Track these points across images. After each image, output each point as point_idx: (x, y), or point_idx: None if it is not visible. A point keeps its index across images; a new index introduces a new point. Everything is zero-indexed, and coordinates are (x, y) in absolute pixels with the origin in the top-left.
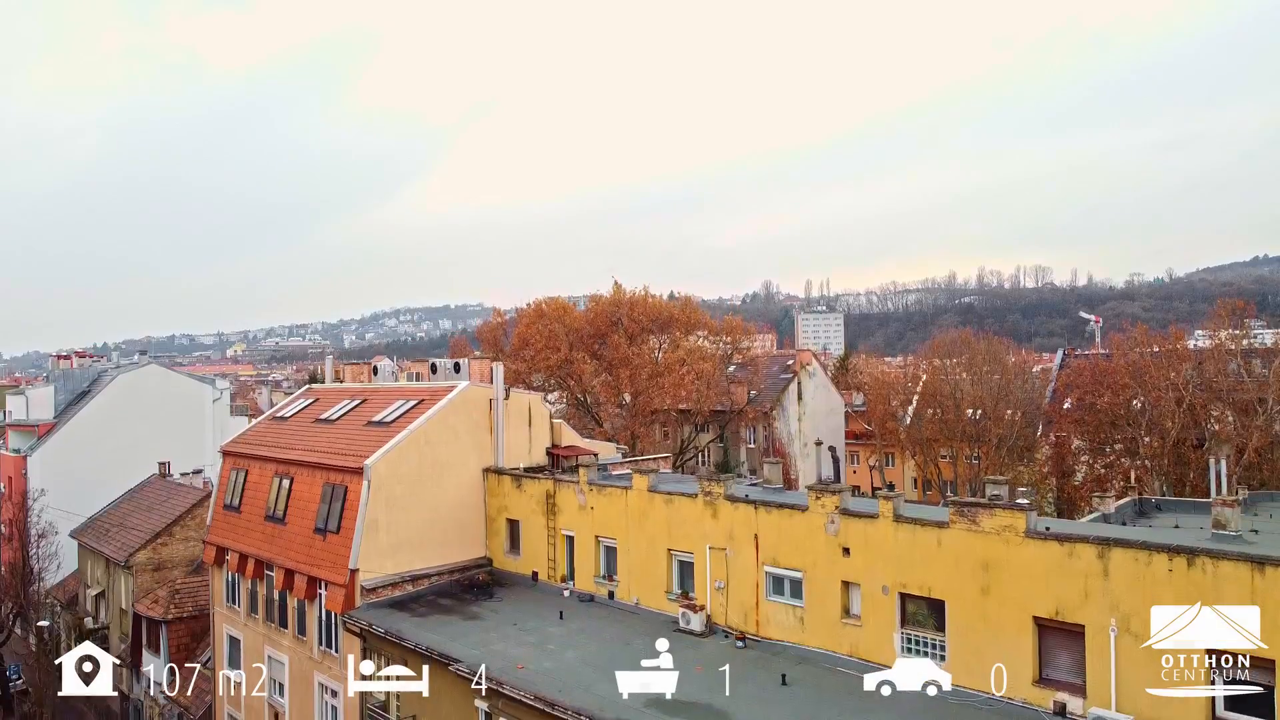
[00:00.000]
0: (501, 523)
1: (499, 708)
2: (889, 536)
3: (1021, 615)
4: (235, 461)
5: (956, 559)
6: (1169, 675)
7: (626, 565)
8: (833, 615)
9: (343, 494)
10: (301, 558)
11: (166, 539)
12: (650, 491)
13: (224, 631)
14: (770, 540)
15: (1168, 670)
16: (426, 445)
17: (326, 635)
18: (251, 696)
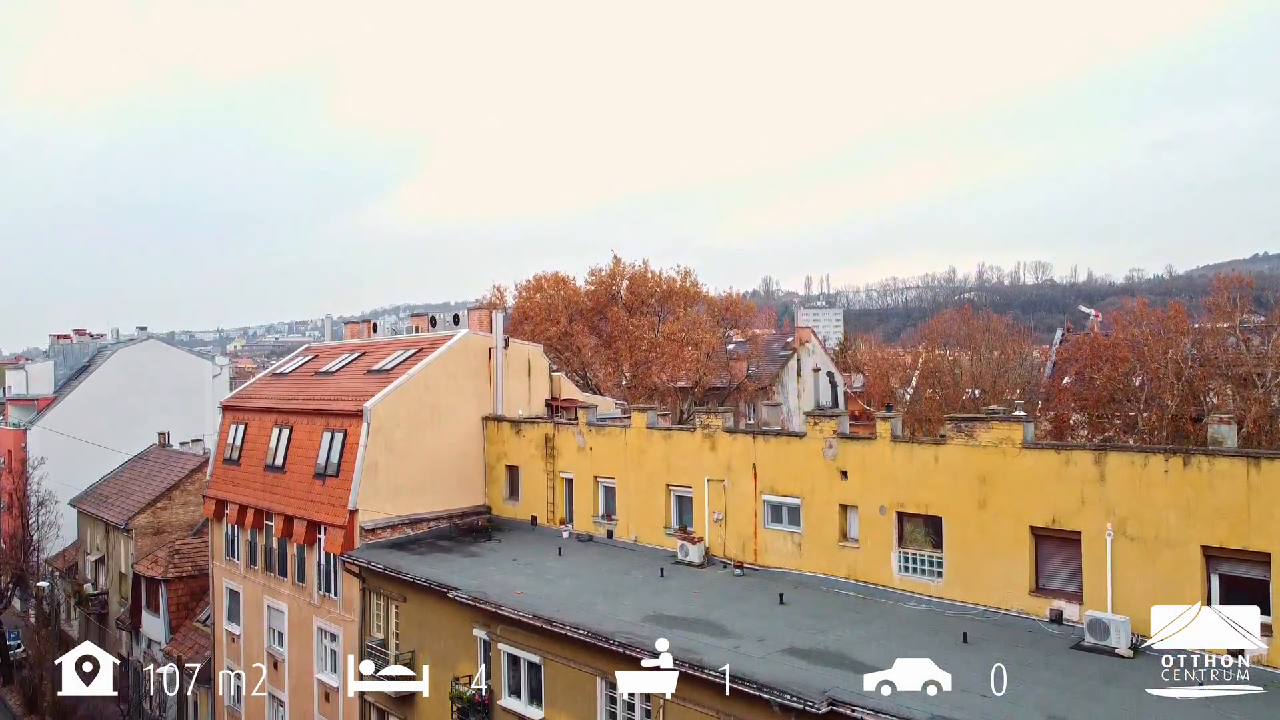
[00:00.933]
0: (500, 470)
1: (498, 634)
2: (886, 457)
3: (1018, 526)
4: (234, 416)
5: (954, 475)
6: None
7: (625, 504)
8: (830, 539)
9: (342, 438)
10: (301, 504)
11: (166, 503)
12: (649, 429)
13: (223, 585)
14: (768, 469)
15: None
16: (426, 390)
17: (325, 580)
18: (251, 647)
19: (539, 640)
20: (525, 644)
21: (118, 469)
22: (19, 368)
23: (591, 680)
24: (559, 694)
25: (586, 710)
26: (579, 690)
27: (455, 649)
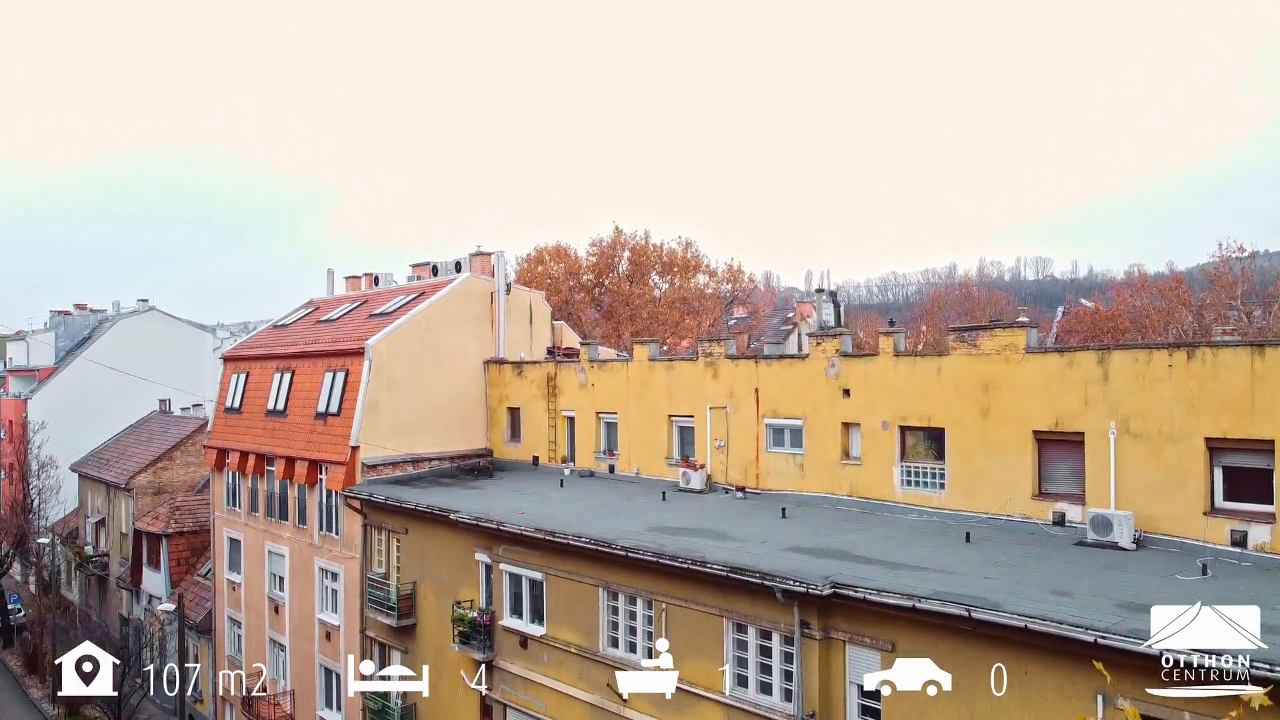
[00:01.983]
0: (502, 413)
1: (499, 555)
2: (889, 372)
3: (1021, 432)
4: (236, 366)
5: (956, 385)
6: (1170, 478)
7: (627, 438)
8: (832, 458)
9: (344, 377)
10: (303, 445)
11: (167, 463)
12: (651, 361)
13: (224, 534)
14: (771, 393)
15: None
16: (428, 331)
17: (327, 519)
18: (252, 593)
19: (541, 557)
20: (527, 561)
21: (118, 434)
22: (19, 339)
23: (593, 592)
24: (561, 609)
25: (588, 623)
26: (581, 603)
27: (457, 575)
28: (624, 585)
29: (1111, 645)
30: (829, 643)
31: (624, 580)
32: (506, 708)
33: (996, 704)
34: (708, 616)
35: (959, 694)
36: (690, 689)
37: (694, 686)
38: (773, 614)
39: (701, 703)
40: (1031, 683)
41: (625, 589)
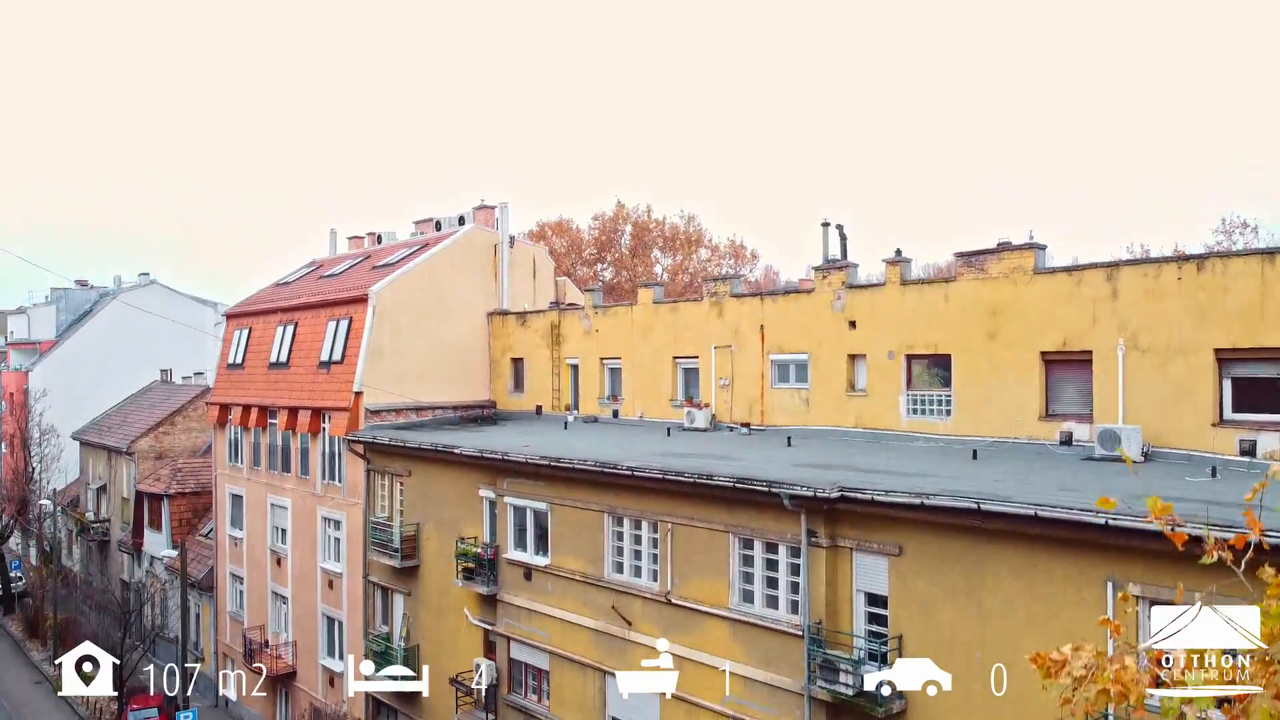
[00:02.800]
0: (505, 364)
1: (503, 489)
2: (896, 301)
3: (1028, 354)
4: (238, 323)
5: (964, 311)
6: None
7: (631, 383)
8: (838, 391)
9: (347, 325)
10: (306, 394)
11: (169, 428)
12: (655, 304)
13: (226, 491)
14: (776, 329)
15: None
16: (431, 281)
17: (329, 468)
18: (254, 548)
19: (545, 487)
20: (532, 493)
21: (120, 403)
22: (20, 312)
23: (597, 518)
24: (565, 538)
25: (593, 551)
26: (585, 532)
27: (460, 513)
28: (629, 509)
29: (1123, 526)
30: (836, 551)
31: (629, 504)
32: (510, 640)
33: (1005, 601)
34: (713, 534)
35: (968, 593)
36: (696, 607)
37: (700, 604)
38: (779, 525)
39: (707, 620)
40: (1040, 576)
41: (630, 513)
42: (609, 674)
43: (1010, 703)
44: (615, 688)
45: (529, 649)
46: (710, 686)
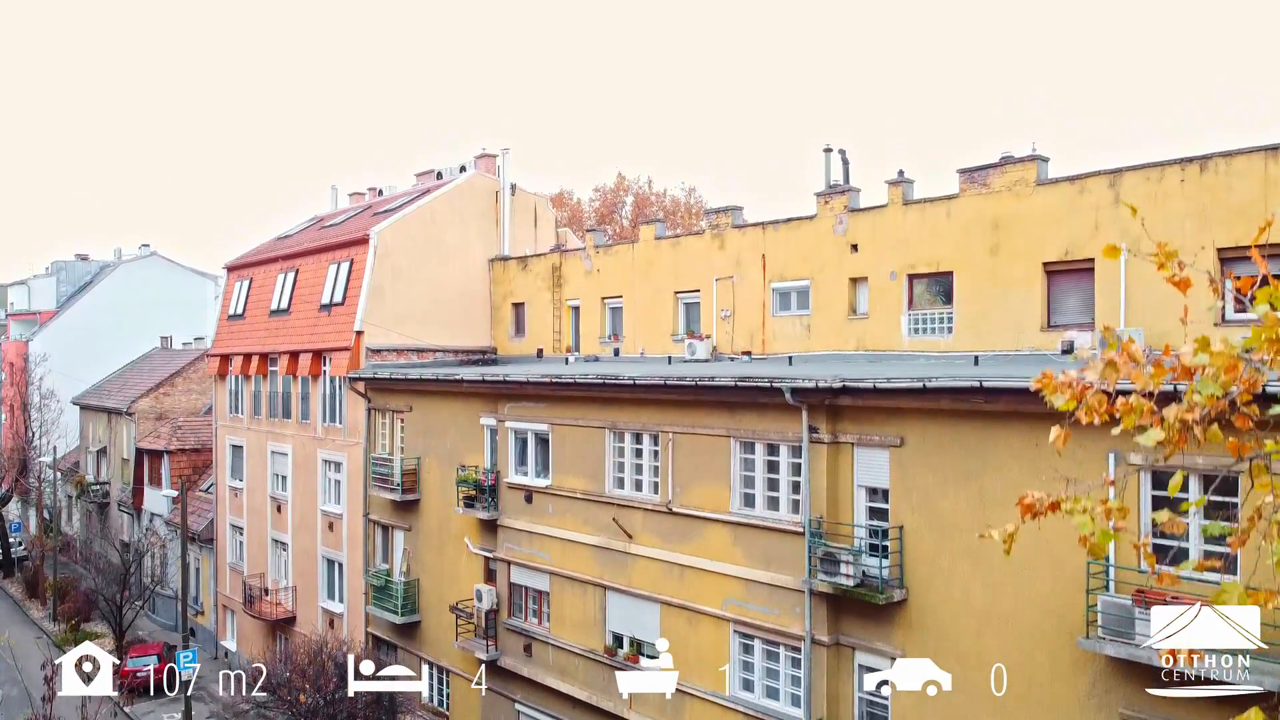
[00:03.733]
0: (506, 309)
1: (505, 414)
2: (898, 222)
3: (1030, 265)
4: (239, 274)
5: (965, 226)
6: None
7: (632, 320)
8: (839, 316)
9: (348, 267)
10: (307, 337)
11: (169, 389)
12: (657, 240)
13: (226, 442)
14: (778, 257)
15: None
16: (432, 224)
17: (330, 410)
18: (254, 497)
19: (547, 409)
20: (533, 416)
21: (119, 369)
22: (20, 284)
23: (599, 435)
24: (566, 458)
25: (594, 468)
26: (586, 450)
27: (461, 444)
28: (630, 423)
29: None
30: (837, 447)
31: (630, 418)
32: (510, 565)
33: (1006, 481)
34: (714, 440)
35: (969, 478)
36: (697, 514)
37: (701, 511)
38: (781, 424)
39: (708, 527)
40: (1042, 456)
41: (631, 427)
42: (609, 589)
43: (1008, 590)
44: (615, 603)
45: (529, 572)
46: (711, 592)
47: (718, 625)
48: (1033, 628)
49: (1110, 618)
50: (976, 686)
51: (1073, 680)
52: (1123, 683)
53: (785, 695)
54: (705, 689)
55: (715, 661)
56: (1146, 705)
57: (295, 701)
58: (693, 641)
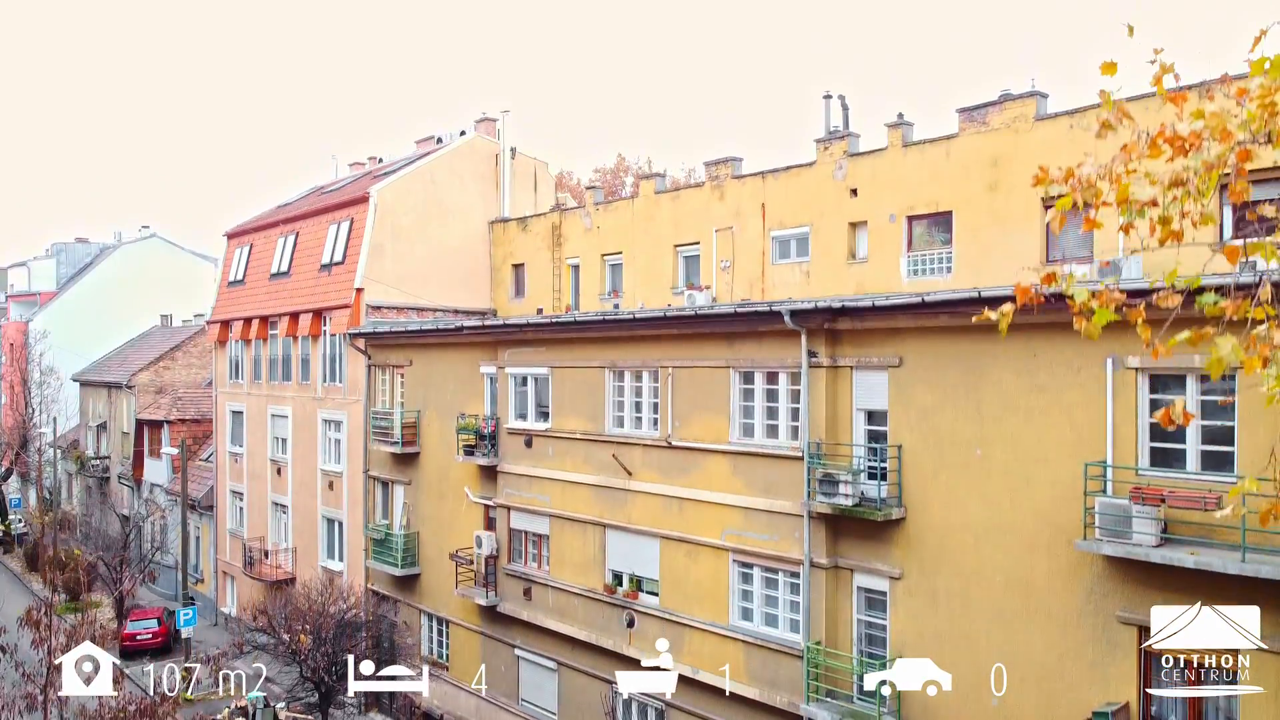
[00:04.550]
0: (506, 271)
1: (505, 360)
2: (897, 164)
3: (1029, 201)
4: (239, 241)
5: (965, 166)
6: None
7: (632, 275)
8: (839, 261)
9: (348, 226)
10: (307, 298)
11: (169, 363)
12: (657, 194)
13: (226, 408)
14: (777, 205)
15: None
16: (433, 184)
17: (330, 370)
18: (254, 461)
19: (546, 352)
20: (533, 360)
21: (119, 347)
22: (21, 264)
23: (598, 375)
24: (566, 400)
25: (593, 408)
26: (586, 391)
27: (461, 395)
28: (629, 361)
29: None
30: (836, 371)
31: (629, 356)
32: (510, 510)
33: (1004, 397)
34: (713, 372)
35: (967, 394)
36: (696, 446)
37: (700, 443)
38: (780, 351)
39: (708, 458)
40: (1040, 366)
41: (631, 364)
42: (609, 528)
43: (1005, 502)
44: (615, 541)
45: (529, 516)
46: (710, 524)
47: (717, 556)
48: (1031, 537)
49: (1108, 518)
50: (975, 602)
51: (1070, 587)
52: (1120, 586)
53: (784, 621)
54: (704, 619)
55: (714, 593)
56: (1141, 604)
57: (295, 642)
58: (692, 574)
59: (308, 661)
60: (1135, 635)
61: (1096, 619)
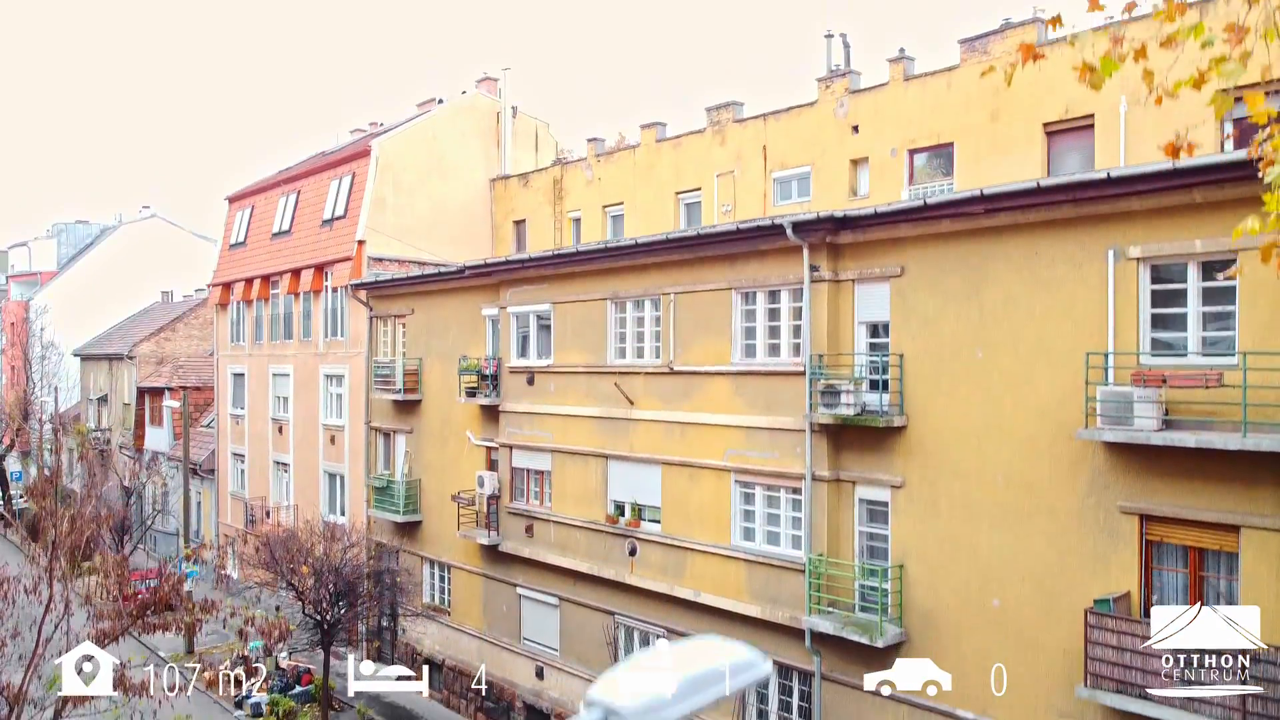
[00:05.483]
0: (508, 228)
1: (506, 300)
2: (899, 98)
3: (1030, 128)
4: (240, 204)
5: (966, 97)
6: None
7: (633, 225)
8: (840, 198)
9: (350, 181)
10: (309, 254)
11: (169, 333)
12: (658, 143)
13: (227, 372)
14: (779, 146)
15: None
16: (434, 140)
17: (332, 324)
18: (255, 423)
19: (548, 288)
20: (534, 297)
21: (120, 322)
22: (21, 244)
23: (600, 308)
24: (567, 335)
25: (595, 340)
26: (588, 325)
27: (463, 339)
28: (631, 290)
29: (1126, 175)
30: (838, 285)
31: (631, 285)
32: (512, 449)
33: (1005, 298)
34: (715, 295)
35: (968, 297)
36: (698, 369)
37: (701, 366)
38: (782, 268)
39: (709, 381)
40: (1042, 263)
41: (632, 294)
42: (610, 458)
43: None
44: (617, 472)
45: (531, 454)
46: (712, 446)
47: (719, 478)
48: (1032, 436)
49: (1109, 405)
50: (977, 505)
51: (1072, 482)
52: (1121, 476)
53: (786, 539)
54: (707, 541)
55: (716, 515)
56: (1143, 493)
57: (298, 573)
58: (694, 498)
59: (309, 599)
60: (1136, 525)
61: (1098, 512)
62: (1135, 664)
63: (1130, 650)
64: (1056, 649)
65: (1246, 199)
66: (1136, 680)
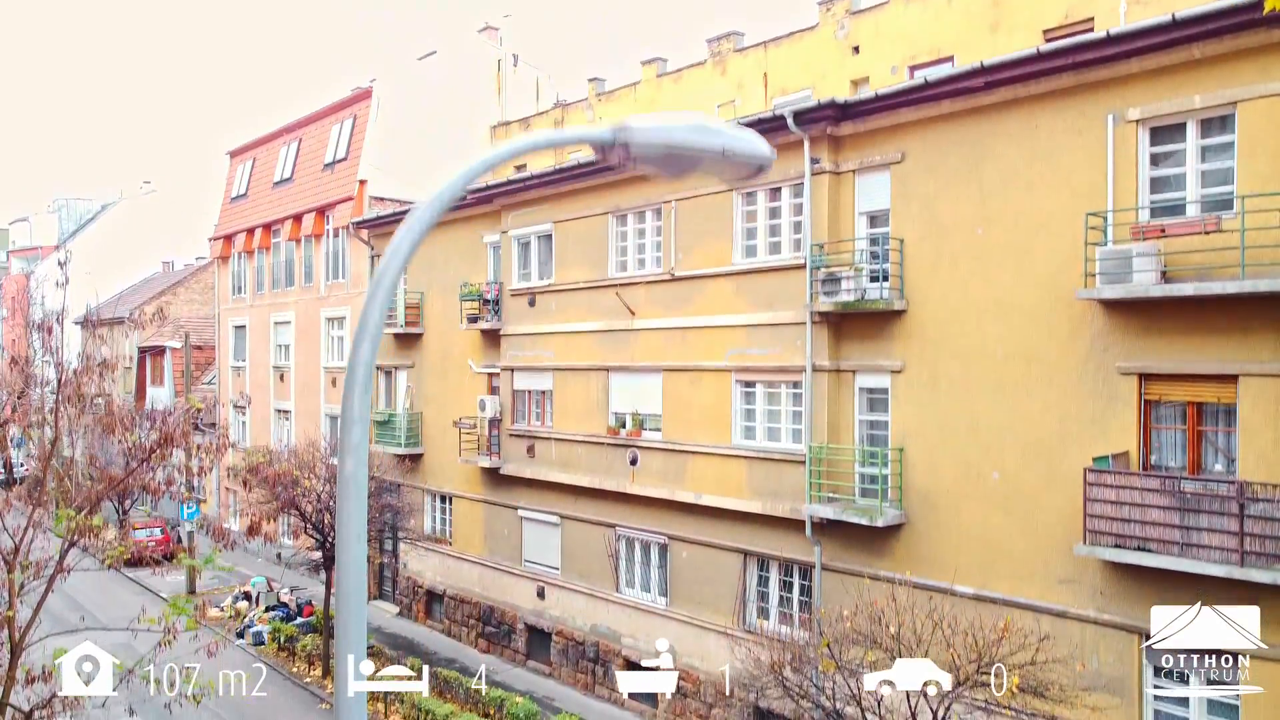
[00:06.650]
0: (509, 174)
1: (507, 225)
2: (899, 16)
3: (1031, 35)
4: (242, 157)
5: (966, 9)
6: None
7: None
8: None
9: (351, 124)
10: (311, 198)
11: (171, 298)
12: (659, 78)
13: (228, 325)
14: (779, 73)
15: None
16: (435, 86)
17: (333, 267)
18: (256, 372)
19: (549, 209)
20: (535, 219)
21: (120, 291)
22: (22, 219)
23: (601, 223)
24: (569, 253)
25: (597, 256)
26: (589, 242)
27: (464, 269)
28: (632, 202)
29: (1126, 32)
30: (839, 177)
31: (632, 197)
32: (514, 372)
33: (1005, 173)
34: (715, 198)
35: (968, 175)
36: (699, 273)
37: (703, 269)
38: (782, 164)
39: (710, 284)
40: (1041, 135)
41: (634, 205)
42: (612, 370)
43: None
44: (618, 383)
45: (532, 375)
46: (713, 347)
47: (719, 379)
48: (1032, 306)
49: (1109, 263)
50: (976, 381)
51: (1071, 348)
52: (1121, 338)
53: (786, 433)
54: (707, 443)
55: (717, 416)
56: (1142, 351)
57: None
58: (695, 402)
59: (310, 516)
60: (1135, 384)
61: (1097, 375)
62: (1134, 516)
63: (1128, 504)
64: (1055, 516)
65: (1247, 50)
66: (1135, 533)
